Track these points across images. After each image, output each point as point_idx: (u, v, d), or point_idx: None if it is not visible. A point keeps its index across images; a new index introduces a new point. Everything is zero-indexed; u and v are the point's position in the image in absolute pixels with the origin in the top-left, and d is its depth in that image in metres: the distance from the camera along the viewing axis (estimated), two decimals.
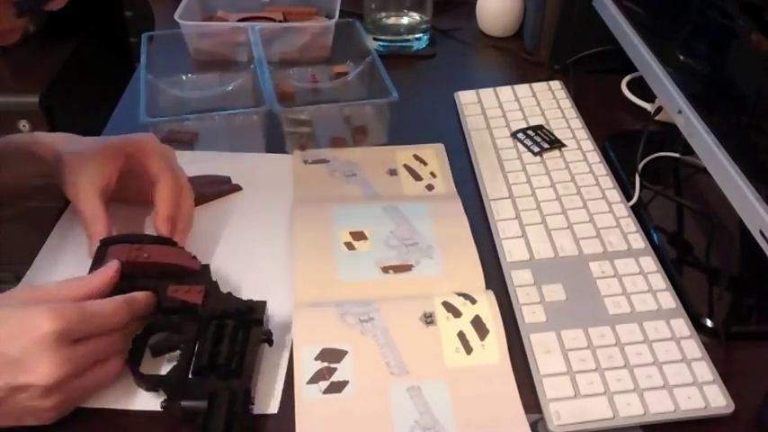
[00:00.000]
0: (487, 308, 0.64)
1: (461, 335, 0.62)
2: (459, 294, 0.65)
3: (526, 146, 0.85)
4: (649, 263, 0.69)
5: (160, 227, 0.67)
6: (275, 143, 0.85)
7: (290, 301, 0.66)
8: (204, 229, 0.74)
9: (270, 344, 0.61)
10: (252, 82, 0.91)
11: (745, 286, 0.70)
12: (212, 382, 0.56)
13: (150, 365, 0.60)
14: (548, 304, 0.66)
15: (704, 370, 0.60)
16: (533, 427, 0.56)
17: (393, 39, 1.07)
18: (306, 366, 0.60)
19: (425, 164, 0.84)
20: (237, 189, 0.79)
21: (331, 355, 0.61)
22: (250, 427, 0.55)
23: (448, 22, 1.14)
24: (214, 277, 0.65)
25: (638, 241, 0.72)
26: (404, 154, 0.85)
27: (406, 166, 0.83)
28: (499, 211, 0.76)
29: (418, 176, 0.82)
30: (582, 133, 0.87)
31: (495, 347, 0.62)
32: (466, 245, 0.72)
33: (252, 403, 0.56)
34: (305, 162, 0.83)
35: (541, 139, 0.85)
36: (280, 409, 0.58)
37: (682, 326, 0.63)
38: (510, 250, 0.71)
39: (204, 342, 0.58)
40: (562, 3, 0.99)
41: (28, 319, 0.52)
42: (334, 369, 0.60)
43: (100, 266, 0.62)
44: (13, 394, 0.52)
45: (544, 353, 0.61)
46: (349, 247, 0.72)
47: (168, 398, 0.56)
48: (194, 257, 0.65)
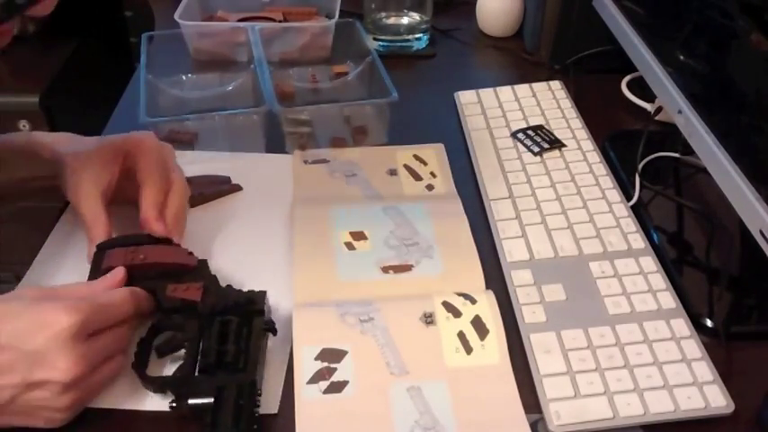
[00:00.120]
0: (487, 308, 0.64)
1: (461, 335, 0.62)
2: (459, 294, 0.65)
3: (526, 146, 0.85)
4: (649, 263, 0.69)
5: (146, 227, 0.66)
6: (275, 143, 0.85)
7: (290, 301, 0.66)
8: (204, 230, 0.74)
9: (274, 333, 0.61)
10: (252, 82, 0.91)
11: (745, 286, 0.70)
12: (219, 378, 0.56)
13: (156, 366, 0.60)
14: (548, 304, 0.66)
15: (704, 370, 0.60)
16: (533, 427, 0.56)
17: (393, 39, 1.07)
18: (306, 366, 0.60)
19: (425, 164, 0.84)
20: (237, 189, 0.79)
21: (331, 355, 0.61)
22: (258, 419, 0.55)
23: (448, 22, 1.14)
24: (213, 272, 0.65)
25: (638, 241, 0.72)
26: (404, 154, 0.85)
27: (406, 166, 0.83)
28: (499, 211, 0.76)
29: (418, 176, 0.82)
30: (582, 133, 0.87)
31: (495, 347, 0.62)
32: (466, 245, 0.72)
33: (259, 395, 0.56)
34: (305, 162, 0.83)
35: (541, 139, 0.85)
36: (280, 409, 0.58)
37: (682, 326, 0.63)
38: (510, 250, 0.71)
39: (209, 340, 0.58)
40: (562, 3, 0.99)
41: (45, 314, 0.52)
42: (334, 369, 0.60)
43: (98, 271, 0.62)
44: (27, 391, 0.51)
45: (544, 353, 0.61)
46: (349, 247, 0.72)
47: (176, 398, 0.56)
48: (191, 254, 0.65)
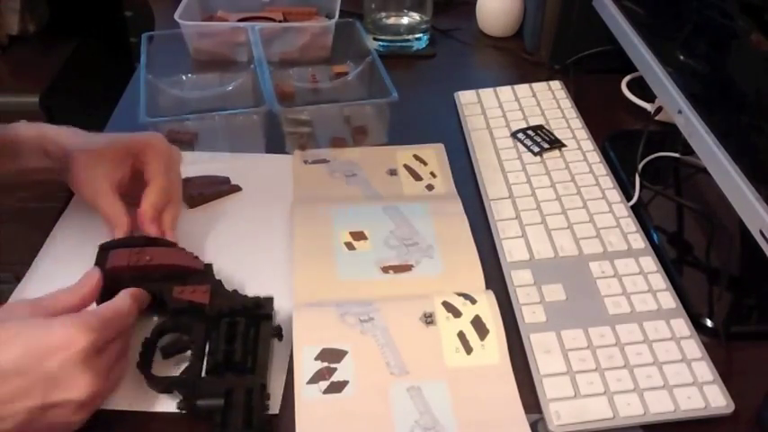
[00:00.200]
0: (487, 308, 0.64)
1: (461, 335, 0.62)
2: (459, 294, 0.65)
3: (526, 146, 0.85)
4: (649, 263, 0.69)
5: (140, 225, 0.66)
6: (275, 143, 0.85)
7: (291, 301, 0.66)
8: (204, 230, 0.74)
9: (280, 338, 0.61)
10: (252, 82, 0.91)
11: (745, 286, 0.70)
12: (227, 379, 0.56)
13: (160, 367, 0.59)
14: (548, 304, 0.66)
15: (704, 370, 0.60)
16: (533, 427, 0.56)
17: (393, 39, 1.07)
18: (306, 366, 0.60)
19: (425, 164, 0.84)
20: (237, 189, 0.79)
21: (331, 355, 0.61)
22: (268, 421, 0.55)
23: (448, 22, 1.14)
24: (216, 276, 0.65)
25: (638, 241, 0.72)
26: (404, 154, 0.85)
27: (406, 166, 0.83)
28: (499, 211, 0.76)
29: (418, 176, 0.82)
30: (582, 133, 0.87)
31: (495, 347, 0.62)
32: (466, 245, 0.72)
33: (267, 398, 0.57)
34: (305, 162, 0.83)
35: (541, 139, 0.85)
36: (280, 409, 0.58)
37: (682, 326, 0.63)
38: (510, 250, 0.71)
39: (217, 340, 0.58)
40: (562, 3, 0.99)
41: (57, 336, 0.50)
42: (334, 369, 0.60)
43: (101, 271, 0.61)
44: (45, 412, 0.50)
45: (544, 353, 0.61)
46: (349, 247, 0.72)
47: (184, 398, 0.56)
48: (196, 257, 0.65)
